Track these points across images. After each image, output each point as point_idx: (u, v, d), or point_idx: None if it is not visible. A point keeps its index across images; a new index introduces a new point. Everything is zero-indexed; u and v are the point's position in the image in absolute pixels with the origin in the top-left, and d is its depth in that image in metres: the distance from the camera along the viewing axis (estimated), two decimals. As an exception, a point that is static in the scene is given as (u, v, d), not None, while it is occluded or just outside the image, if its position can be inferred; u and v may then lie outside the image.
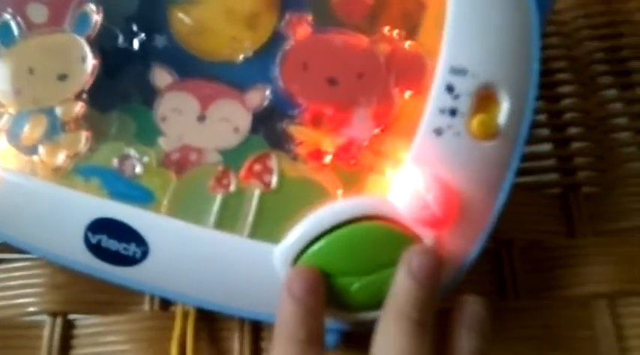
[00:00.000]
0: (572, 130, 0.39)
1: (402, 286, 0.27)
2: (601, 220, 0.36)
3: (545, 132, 0.39)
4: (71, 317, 0.35)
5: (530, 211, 0.37)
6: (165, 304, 0.35)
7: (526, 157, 0.38)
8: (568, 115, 0.40)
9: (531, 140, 0.38)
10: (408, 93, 0.30)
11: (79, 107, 0.31)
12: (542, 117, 0.40)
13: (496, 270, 0.35)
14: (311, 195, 0.29)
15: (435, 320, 0.27)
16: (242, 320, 0.34)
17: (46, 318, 0.35)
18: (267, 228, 0.29)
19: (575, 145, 0.39)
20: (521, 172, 0.37)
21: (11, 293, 0.35)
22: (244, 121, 0.31)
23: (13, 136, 0.31)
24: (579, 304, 0.34)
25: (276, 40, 0.31)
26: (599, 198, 0.37)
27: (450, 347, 0.27)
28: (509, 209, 0.35)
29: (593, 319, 0.34)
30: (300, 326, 0.26)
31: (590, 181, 0.38)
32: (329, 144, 0.30)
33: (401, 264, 0.27)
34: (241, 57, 0.32)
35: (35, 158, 0.30)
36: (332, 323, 0.30)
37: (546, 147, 0.39)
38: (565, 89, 0.40)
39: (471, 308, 0.28)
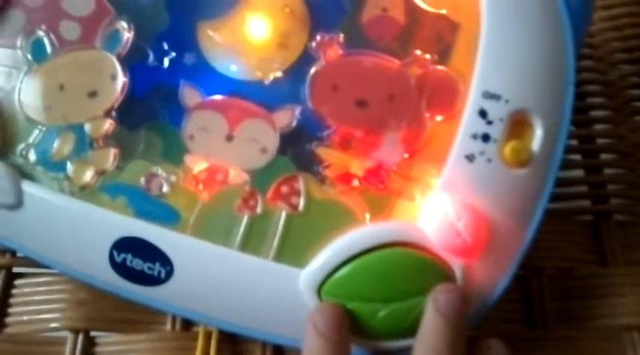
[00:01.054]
0: (605, 156, 0.38)
1: (431, 323, 0.27)
2: (633, 249, 0.35)
3: (576, 157, 0.39)
4: (93, 334, 0.35)
5: (560, 239, 0.36)
6: (188, 324, 0.35)
7: (557, 183, 0.37)
8: (600, 141, 0.39)
9: (563, 166, 0.38)
10: (439, 118, 0.29)
11: (108, 124, 0.31)
12: (573, 142, 0.39)
13: (525, 299, 0.35)
14: (338, 219, 0.29)
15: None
16: (264, 344, 0.34)
17: (67, 335, 0.34)
18: (293, 251, 0.29)
19: (608, 172, 0.38)
20: (551, 198, 0.37)
21: (33, 308, 0.35)
22: (272, 142, 0.31)
23: (42, 152, 0.31)
24: (611, 335, 0.33)
25: (305, 60, 0.31)
26: (631, 226, 0.36)
27: None
28: (540, 236, 0.35)
29: (625, 352, 0.33)
30: None
31: (623, 209, 0.37)
32: (357, 168, 0.29)
33: (429, 301, 0.27)
34: (271, 77, 0.31)
35: (62, 175, 0.30)
36: (357, 352, 0.29)
37: (578, 173, 0.38)
38: (597, 114, 0.40)
39: (495, 351, 0.28)
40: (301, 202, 0.29)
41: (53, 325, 0.35)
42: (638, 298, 0.34)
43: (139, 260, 0.29)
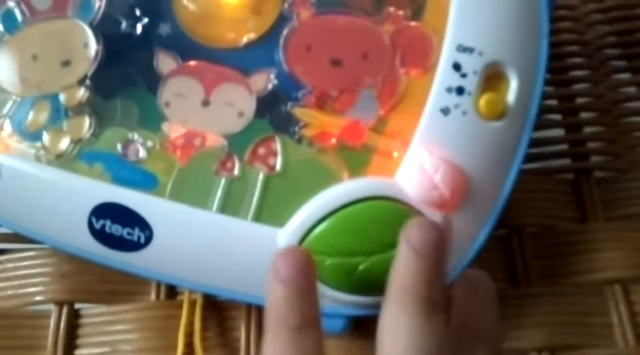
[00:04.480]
0: (584, 115, 0.39)
1: (403, 261, 0.24)
2: (613, 205, 0.36)
3: (556, 117, 0.39)
4: (77, 306, 0.35)
5: (541, 197, 0.36)
6: (172, 293, 0.35)
7: (538, 143, 0.38)
8: (580, 100, 0.39)
9: (543, 125, 0.38)
10: (413, 73, 0.29)
11: (83, 93, 0.31)
12: (553, 102, 0.39)
13: (507, 257, 0.35)
14: (316, 177, 0.29)
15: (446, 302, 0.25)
16: (249, 309, 0.34)
17: (52, 308, 0.34)
18: (272, 211, 0.29)
19: (587, 130, 0.38)
20: (532, 158, 0.37)
21: (18, 283, 0.35)
22: (249, 105, 0.30)
23: (17, 123, 0.31)
24: (593, 290, 0.34)
25: (280, 23, 0.31)
26: (611, 182, 0.36)
27: (465, 327, 0.25)
28: (521, 195, 0.35)
29: (607, 305, 0.33)
30: (291, 312, 0.24)
31: (603, 166, 0.37)
32: (334, 126, 0.29)
33: (401, 238, 0.24)
34: (245, 42, 0.31)
35: (39, 144, 0.30)
36: (339, 308, 0.29)
37: (558, 132, 0.38)
38: (576, 73, 0.40)
39: (478, 284, 0.26)
40: (278, 162, 0.29)
41: (37, 298, 0.35)
42: (618, 252, 0.34)
43: (118, 226, 0.29)
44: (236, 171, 0.29)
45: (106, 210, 0.29)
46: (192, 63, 0.31)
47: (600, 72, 0.39)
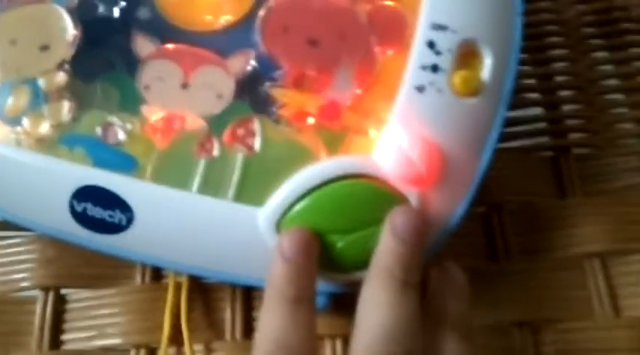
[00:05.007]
0: (563, 93, 0.39)
1: (387, 245, 0.27)
2: (592, 181, 0.36)
3: (535, 96, 0.39)
4: (63, 291, 0.35)
5: (521, 174, 0.37)
6: (157, 276, 0.35)
7: (517, 121, 0.38)
8: (558, 78, 0.39)
9: (521, 104, 0.39)
10: (389, 52, 0.29)
11: (62, 77, 0.31)
12: (532, 81, 0.39)
13: (487, 233, 0.35)
14: (294, 157, 0.29)
15: (421, 283, 0.27)
16: (234, 291, 0.34)
17: (38, 293, 0.35)
18: (252, 191, 0.29)
19: (566, 108, 0.39)
20: (511, 136, 0.38)
21: (3, 269, 0.35)
22: (228, 87, 0.31)
23: (-3, 108, 0.31)
24: (572, 265, 0.34)
25: (257, 5, 0.31)
26: (589, 159, 0.37)
27: (437, 314, 0.27)
28: (500, 172, 0.35)
29: (585, 279, 0.34)
30: (290, 286, 0.26)
31: (581, 143, 0.38)
32: (312, 106, 0.29)
33: (386, 224, 0.27)
34: (223, 24, 0.32)
35: (19, 129, 0.30)
36: (320, 286, 0.29)
37: (537, 110, 0.39)
38: (555, 52, 0.40)
39: (450, 275, 0.28)
40: (257, 143, 0.29)
41: (23, 284, 0.35)
42: (596, 227, 0.34)
43: (99, 208, 0.29)
44: (215, 152, 0.30)
45: (87, 193, 0.29)
46: (170, 46, 0.32)
47: (578, 50, 0.40)
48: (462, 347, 0.26)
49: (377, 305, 0.26)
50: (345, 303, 0.29)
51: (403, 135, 0.28)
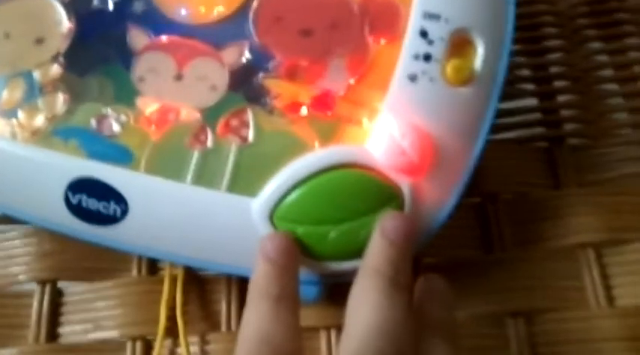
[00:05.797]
0: (558, 84, 0.39)
1: (377, 246, 0.27)
2: (586, 171, 0.36)
3: (530, 86, 0.39)
4: (60, 284, 0.35)
5: (515, 165, 0.37)
6: (153, 269, 0.35)
7: (512, 112, 0.38)
8: (553, 69, 0.39)
9: (516, 95, 0.39)
10: (382, 42, 0.30)
11: (56, 70, 0.31)
12: (527, 71, 0.39)
13: (482, 224, 0.35)
14: (288, 147, 0.29)
15: (411, 284, 0.27)
16: (229, 283, 0.34)
17: (35, 286, 0.35)
18: (245, 181, 0.29)
19: (561, 98, 0.39)
20: (506, 127, 0.38)
21: (0, 263, 0.36)
22: (221, 79, 0.31)
23: (-8, 101, 0.31)
24: (566, 255, 0.34)
25: (251, -1, 0.31)
26: (584, 149, 0.37)
27: (423, 320, 0.27)
28: (495, 163, 0.35)
29: (580, 269, 0.34)
30: (272, 283, 0.27)
31: (576, 133, 0.37)
32: (305, 96, 0.30)
33: (377, 227, 0.28)
34: (216, 16, 0.32)
35: (14, 121, 0.30)
36: (312, 276, 0.30)
37: (531, 101, 0.39)
38: (550, 43, 0.40)
39: (435, 284, 0.28)
40: (251, 133, 0.30)
41: (20, 278, 0.35)
42: (591, 217, 0.34)
43: (94, 200, 0.29)
44: (209, 143, 0.30)
45: (81, 185, 0.29)
46: (164, 38, 0.32)
47: (573, 41, 0.40)
48: (449, 352, 0.26)
49: (367, 303, 0.26)
50: (338, 293, 0.29)
51: (395, 124, 0.28)
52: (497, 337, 0.32)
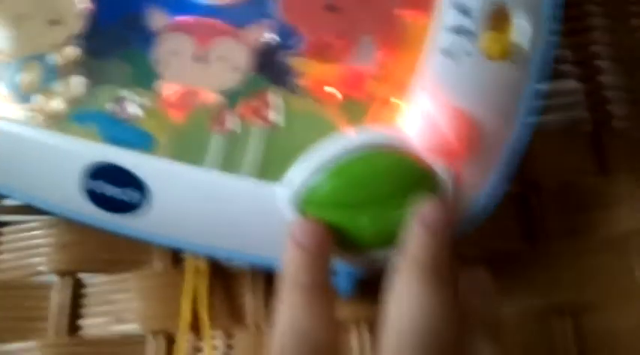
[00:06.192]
0: (602, 65, 0.37)
1: (416, 237, 0.26)
2: (635, 156, 0.34)
3: (571, 68, 0.37)
4: (80, 276, 0.34)
5: (558, 151, 0.34)
6: (176, 261, 0.34)
7: (553, 94, 0.36)
8: (596, 49, 0.37)
9: (558, 76, 0.36)
10: (413, 15, 0.28)
11: (74, 52, 0.30)
12: (568, 52, 0.37)
13: (524, 215, 0.33)
14: (315, 129, 0.27)
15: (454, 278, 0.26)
16: (254, 276, 0.33)
17: (55, 278, 0.34)
18: (272, 166, 0.27)
19: (605, 80, 0.36)
20: (550, 111, 0.35)
21: (20, 254, 0.35)
22: (244, 59, 0.29)
23: (9, 85, 0.30)
24: (616, 246, 0.32)
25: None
26: (631, 132, 0.34)
27: (467, 315, 0.26)
28: (536, 150, 0.33)
29: (630, 258, 0.31)
30: (303, 272, 0.26)
31: (623, 116, 0.35)
32: (333, 75, 0.28)
33: (415, 216, 0.26)
34: (240, -5, 0.30)
35: (31, 106, 0.29)
36: (345, 267, 0.28)
37: (575, 84, 0.36)
38: (593, 22, 0.38)
39: (479, 279, 0.27)
40: (276, 116, 0.28)
41: (40, 269, 0.34)
42: (641, 203, 0.32)
43: (113, 186, 0.28)
44: (233, 127, 0.28)
45: (100, 171, 0.28)
46: (184, 18, 0.30)
47: (618, 18, 0.37)
48: (494, 348, 0.25)
49: (409, 297, 0.24)
50: (367, 286, 0.28)
51: (430, 103, 0.26)
52: (543, 333, 0.30)
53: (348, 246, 0.27)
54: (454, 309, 0.25)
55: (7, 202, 0.35)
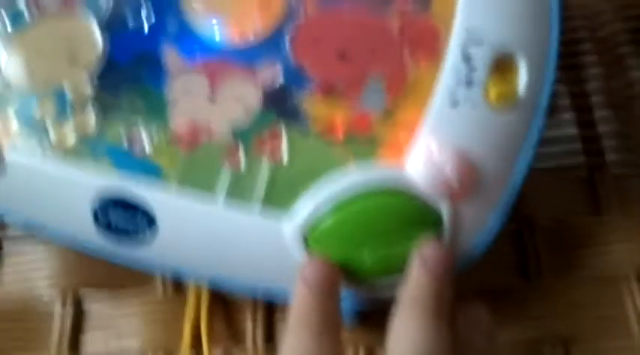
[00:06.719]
0: (599, 113, 0.38)
1: (418, 276, 0.27)
2: (628, 200, 0.35)
3: (570, 115, 0.38)
4: (83, 299, 0.35)
5: (554, 192, 0.36)
6: (178, 286, 0.34)
7: (551, 141, 0.37)
8: (594, 98, 0.38)
9: (557, 124, 0.38)
10: (422, 64, 0.29)
11: (89, 89, 0.31)
12: (567, 101, 0.38)
13: (519, 252, 0.34)
14: (323, 169, 0.28)
15: (453, 314, 0.26)
16: (255, 302, 0.34)
17: (58, 301, 0.34)
18: (279, 202, 0.28)
19: (602, 128, 0.37)
20: (546, 156, 0.37)
21: (24, 275, 0.35)
22: (255, 100, 0.30)
23: (24, 118, 0.31)
24: (607, 282, 0.33)
25: (287, 18, 0.31)
26: (627, 179, 0.35)
27: (464, 349, 0.26)
28: (533, 190, 0.34)
29: (622, 297, 0.33)
30: (315, 314, 0.26)
31: (617, 163, 0.36)
32: (342, 117, 0.29)
33: (416, 256, 0.27)
34: (253, 37, 0.31)
35: (45, 139, 0.30)
36: (348, 302, 0.29)
37: (572, 130, 0.38)
38: (591, 71, 0.39)
39: (477, 314, 0.28)
40: (285, 154, 0.29)
41: (44, 292, 0.35)
42: (634, 245, 0.33)
43: (124, 218, 0.29)
44: (242, 163, 0.29)
45: (111, 203, 0.29)
46: (198, 59, 0.31)
47: (614, 69, 0.39)
48: None
49: (409, 335, 0.25)
50: (374, 321, 0.28)
51: (435, 148, 0.27)
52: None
53: (353, 281, 0.27)
54: (452, 348, 0.25)
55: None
